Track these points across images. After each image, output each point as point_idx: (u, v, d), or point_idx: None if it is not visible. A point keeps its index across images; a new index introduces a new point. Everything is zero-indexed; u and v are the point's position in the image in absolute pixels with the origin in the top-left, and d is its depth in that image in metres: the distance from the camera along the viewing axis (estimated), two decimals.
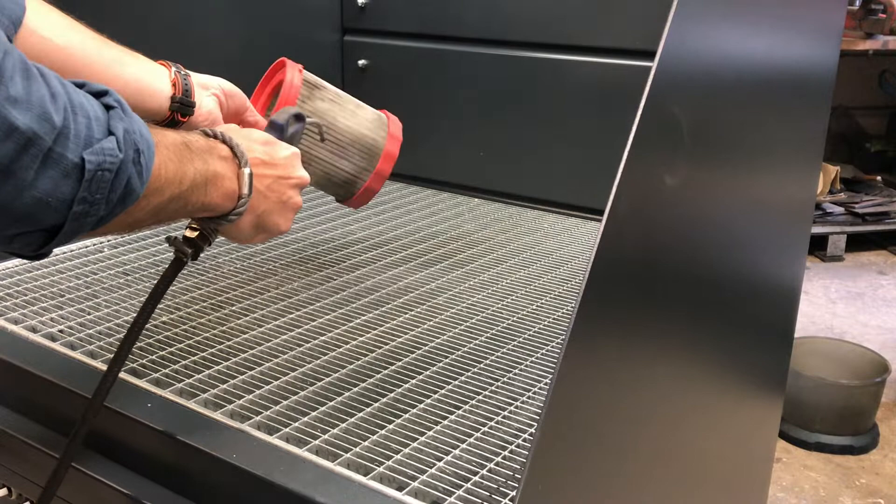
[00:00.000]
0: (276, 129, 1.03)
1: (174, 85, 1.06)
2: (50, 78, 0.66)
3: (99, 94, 0.72)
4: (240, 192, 0.90)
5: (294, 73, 1.20)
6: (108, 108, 0.71)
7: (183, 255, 0.93)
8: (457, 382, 1.05)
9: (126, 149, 0.70)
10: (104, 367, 1.04)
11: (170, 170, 0.78)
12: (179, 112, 1.07)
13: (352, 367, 1.08)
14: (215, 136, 0.90)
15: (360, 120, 1.26)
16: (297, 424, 0.94)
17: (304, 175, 1.01)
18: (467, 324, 1.22)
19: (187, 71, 1.10)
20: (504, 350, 1.15)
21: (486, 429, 0.95)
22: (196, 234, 0.93)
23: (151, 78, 1.05)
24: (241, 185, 0.89)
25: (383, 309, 1.26)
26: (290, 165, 0.99)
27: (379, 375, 1.06)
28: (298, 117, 1.06)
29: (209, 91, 1.11)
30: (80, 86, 0.71)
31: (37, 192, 0.65)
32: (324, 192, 1.30)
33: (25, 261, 1.35)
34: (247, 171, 0.90)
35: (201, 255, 0.95)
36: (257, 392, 1.00)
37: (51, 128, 0.64)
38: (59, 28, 0.97)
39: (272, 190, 0.96)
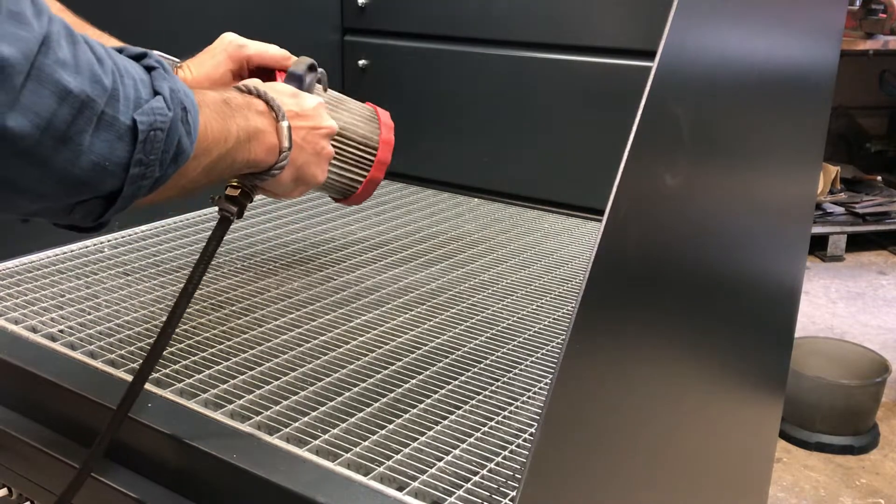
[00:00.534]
0: (296, 80, 1.05)
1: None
2: (92, 43, 0.66)
3: (138, 58, 0.72)
4: (280, 146, 0.91)
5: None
6: (149, 69, 0.71)
7: (229, 214, 0.94)
8: (457, 382, 1.05)
9: (174, 107, 0.71)
10: (105, 368, 1.04)
11: (215, 128, 0.80)
12: None
13: (352, 367, 1.08)
14: (250, 92, 0.91)
15: (357, 117, 1.25)
16: (297, 424, 0.94)
17: (332, 124, 1.03)
18: (467, 324, 1.22)
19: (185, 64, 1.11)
20: (504, 350, 1.15)
21: (486, 429, 0.95)
22: (238, 191, 0.95)
23: None
24: (280, 139, 0.91)
25: (383, 309, 1.26)
26: (319, 115, 1.01)
27: (379, 375, 1.06)
28: (312, 67, 1.08)
29: (234, 58, 1.13)
30: (119, 50, 0.71)
31: (94, 156, 0.65)
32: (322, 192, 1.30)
33: (26, 260, 1.35)
34: (285, 123, 0.91)
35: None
36: (258, 392, 1.00)
37: (102, 90, 0.64)
38: (77, 25, 0.97)
39: (307, 141, 0.98)
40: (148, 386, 1.00)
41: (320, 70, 1.13)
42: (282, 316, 1.21)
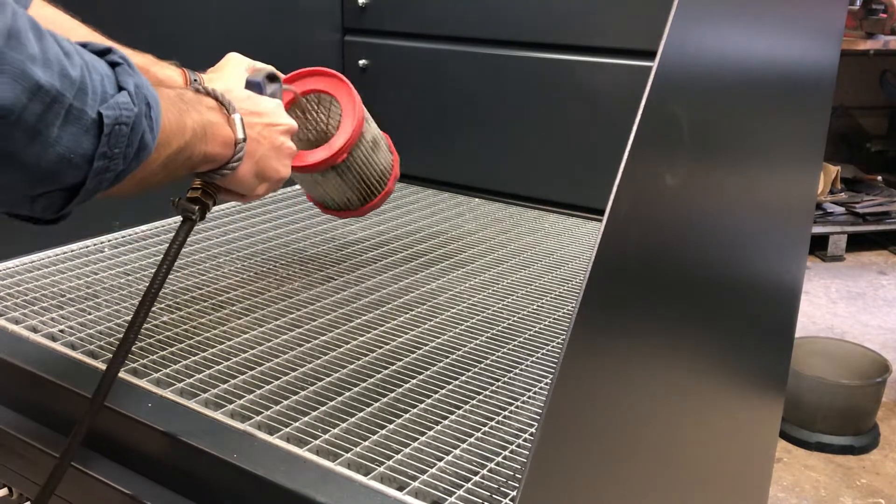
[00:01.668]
0: (255, 87, 1.05)
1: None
2: (58, 37, 0.66)
3: (103, 53, 0.72)
4: (235, 138, 0.91)
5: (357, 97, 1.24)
6: (113, 65, 0.72)
7: (191, 214, 0.94)
8: (457, 382, 1.05)
9: (139, 103, 0.71)
10: (105, 367, 1.04)
11: (172, 121, 0.80)
12: None
13: (352, 367, 1.08)
14: (198, 91, 0.91)
15: (383, 158, 1.31)
16: (297, 424, 0.94)
17: (290, 122, 1.03)
18: (467, 324, 1.22)
19: (199, 74, 1.11)
20: (504, 350, 1.15)
21: (486, 429, 0.95)
22: (199, 192, 0.95)
23: (163, 80, 1.06)
24: (234, 131, 0.91)
25: (383, 309, 1.26)
26: (275, 113, 1.01)
27: (379, 375, 1.06)
28: (272, 78, 1.09)
29: None
30: (83, 45, 0.72)
31: (60, 148, 0.65)
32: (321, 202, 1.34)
33: (27, 260, 1.35)
34: (237, 116, 0.92)
35: (207, 215, 0.96)
36: (258, 392, 1.00)
37: (70, 84, 0.65)
38: (69, 27, 0.97)
39: (263, 136, 0.98)
40: (148, 386, 1.01)
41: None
42: (282, 316, 1.21)
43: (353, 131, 1.20)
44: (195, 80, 1.09)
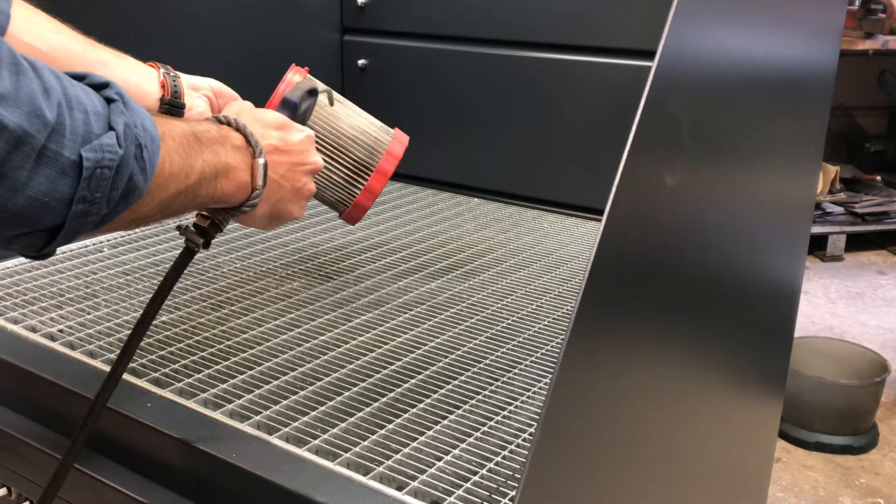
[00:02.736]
0: (290, 108, 1.00)
1: (163, 86, 1.05)
2: (43, 72, 0.64)
3: (100, 87, 0.69)
4: (253, 184, 0.87)
5: (297, 72, 1.19)
6: (109, 101, 0.69)
7: (194, 245, 0.91)
8: (456, 382, 1.05)
9: (127, 144, 0.68)
10: (104, 367, 1.04)
11: (175, 163, 0.76)
12: (169, 114, 1.07)
13: (351, 366, 1.08)
14: (228, 123, 0.87)
15: (365, 121, 1.24)
16: (296, 424, 0.94)
17: (317, 160, 0.99)
18: (467, 323, 1.22)
19: (177, 73, 1.09)
20: (504, 350, 1.15)
21: (485, 428, 0.95)
22: (207, 222, 0.91)
23: (138, 79, 1.04)
24: (255, 177, 0.87)
25: (383, 309, 1.26)
26: (305, 151, 0.97)
27: (378, 375, 1.06)
28: (311, 92, 1.03)
29: (200, 92, 1.10)
30: (81, 77, 0.69)
31: (31, 192, 0.62)
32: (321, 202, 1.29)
33: (26, 260, 1.35)
34: (261, 161, 0.87)
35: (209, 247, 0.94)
36: (257, 392, 1.00)
37: (42, 125, 0.62)
38: (44, 33, 0.96)
39: (286, 178, 0.94)
40: (148, 385, 1.01)
41: (323, 88, 1.08)
42: (281, 315, 1.21)
43: (287, 81, 1.12)
44: (170, 75, 1.07)
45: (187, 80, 1.09)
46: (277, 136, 0.93)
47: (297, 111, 1.00)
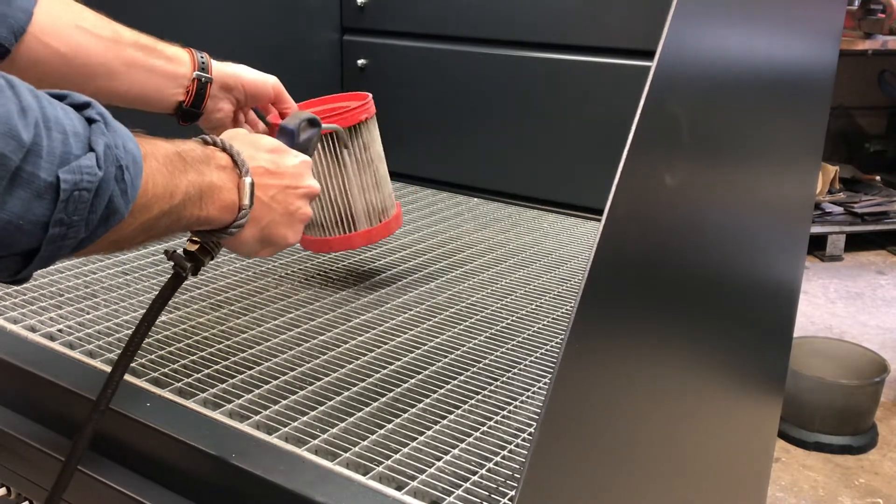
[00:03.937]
0: (286, 135, 0.97)
1: (188, 92, 1.04)
2: (21, 90, 0.62)
3: (81, 107, 0.67)
4: (240, 204, 0.84)
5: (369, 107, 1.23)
6: (90, 121, 0.67)
7: (182, 270, 0.88)
8: (456, 382, 1.05)
9: (107, 166, 0.66)
10: (104, 367, 1.04)
11: (158, 184, 0.73)
12: (182, 118, 1.06)
13: (351, 366, 1.07)
14: (214, 144, 0.85)
15: (386, 183, 1.29)
16: (296, 424, 0.94)
17: (313, 185, 0.95)
18: (466, 323, 1.22)
19: (210, 76, 1.06)
20: (503, 349, 1.15)
21: (485, 428, 0.95)
22: (196, 247, 0.89)
23: (158, 85, 1.02)
24: (241, 196, 0.84)
25: (382, 308, 1.26)
26: (299, 175, 0.93)
27: (378, 375, 1.06)
28: (312, 122, 1.00)
29: (230, 94, 1.09)
30: (62, 97, 0.67)
31: (5, 214, 0.60)
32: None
33: None
34: (248, 180, 0.84)
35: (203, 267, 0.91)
36: (256, 391, 1.00)
37: (17, 146, 0.60)
38: (66, 32, 0.94)
39: (277, 200, 0.90)
40: (147, 385, 1.01)
41: (328, 125, 1.09)
42: (280, 315, 1.21)
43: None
44: (202, 61, 1.05)
45: (222, 77, 1.07)
46: (269, 159, 0.90)
47: (294, 138, 0.97)
